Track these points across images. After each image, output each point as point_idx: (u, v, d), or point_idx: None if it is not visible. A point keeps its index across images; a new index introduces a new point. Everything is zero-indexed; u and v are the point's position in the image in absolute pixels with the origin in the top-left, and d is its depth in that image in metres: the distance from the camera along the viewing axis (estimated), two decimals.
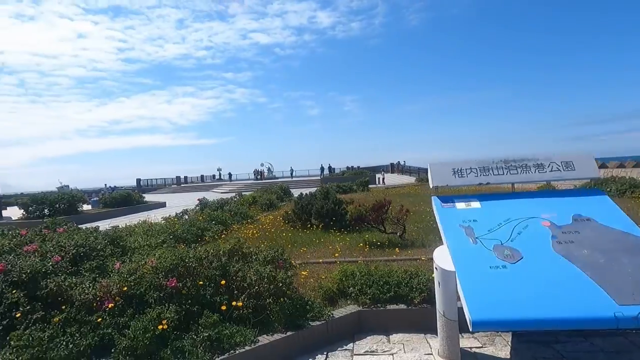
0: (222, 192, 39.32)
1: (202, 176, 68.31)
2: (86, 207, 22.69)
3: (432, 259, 5.97)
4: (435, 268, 3.67)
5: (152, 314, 3.57)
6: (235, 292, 4.08)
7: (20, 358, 3.42)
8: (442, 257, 3.64)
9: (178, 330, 3.59)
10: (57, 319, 3.67)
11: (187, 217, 11.23)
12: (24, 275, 4.09)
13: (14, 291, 4.01)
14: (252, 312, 3.92)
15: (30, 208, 18.13)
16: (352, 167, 58.16)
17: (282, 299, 4.07)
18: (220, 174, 67.14)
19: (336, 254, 6.21)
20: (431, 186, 4.52)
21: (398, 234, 7.53)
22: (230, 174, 64.56)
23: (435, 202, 4.34)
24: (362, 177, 29.83)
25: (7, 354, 3.50)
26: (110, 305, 3.70)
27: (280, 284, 4.10)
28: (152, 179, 64.25)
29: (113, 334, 3.55)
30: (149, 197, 29.81)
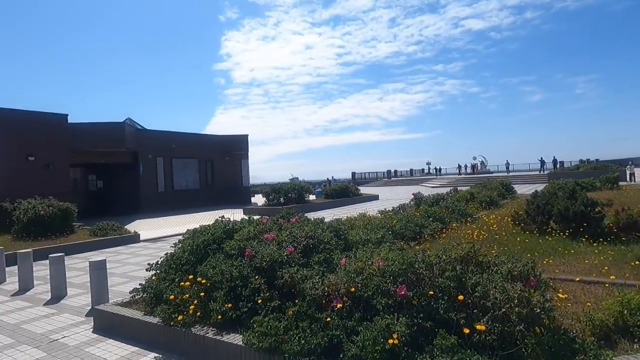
0: (432, 187, 38.49)
1: (411, 170, 68.87)
2: (311, 197, 25.33)
3: None
4: None
5: (380, 323, 3.21)
6: (474, 310, 3.37)
7: (260, 344, 3.57)
8: None
9: (409, 348, 3.12)
10: (291, 312, 3.70)
11: (402, 212, 10.97)
12: (265, 263, 4.35)
13: (256, 277, 4.31)
14: (496, 339, 3.14)
15: (270, 196, 21.31)
16: (587, 160, 48.72)
17: (537, 329, 3.15)
18: (429, 168, 66.35)
19: (612, 277, 4.73)
20: None
21: None
22: (436, 168, 63.05)
23: None
24: (607, 172, 24.24)
25: (251, 337, 3.71)
26: (338, 306, 3.52)
27: (537, 310, 3.18)
28: (365, 172, 68.35)
29: (341, 337, 3.34)
30: (363, 190, 31.41)
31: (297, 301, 3.81)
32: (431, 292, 3.50)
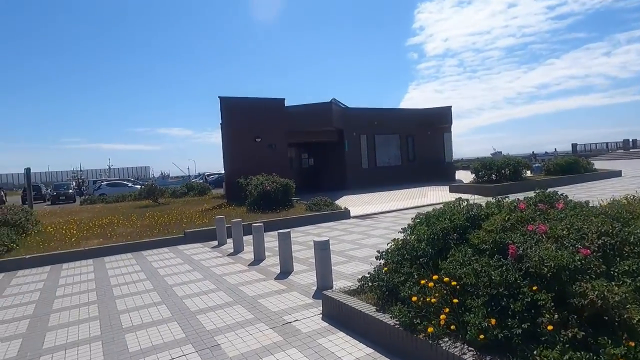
0: None
1: None
2: (528, 173, 21.88)
3: None
4: None
5: None
6: None
7: None
8: None
9: None
10: (620, 357, 2.37)
11: None
12: (546, 269, 3.08)
13: (533, 287, 3.09)
14: None
15: (480, 172, 19.09)
16: None
17: None
18: None
19: None
20: None
21: None
22: None
23: None
24: None
25: None
26: None
27: None
28: (590, 144, 56.97)
29: None
30: (597, 164, 25.64)
31: (626, 341, 2.45)
32: None
